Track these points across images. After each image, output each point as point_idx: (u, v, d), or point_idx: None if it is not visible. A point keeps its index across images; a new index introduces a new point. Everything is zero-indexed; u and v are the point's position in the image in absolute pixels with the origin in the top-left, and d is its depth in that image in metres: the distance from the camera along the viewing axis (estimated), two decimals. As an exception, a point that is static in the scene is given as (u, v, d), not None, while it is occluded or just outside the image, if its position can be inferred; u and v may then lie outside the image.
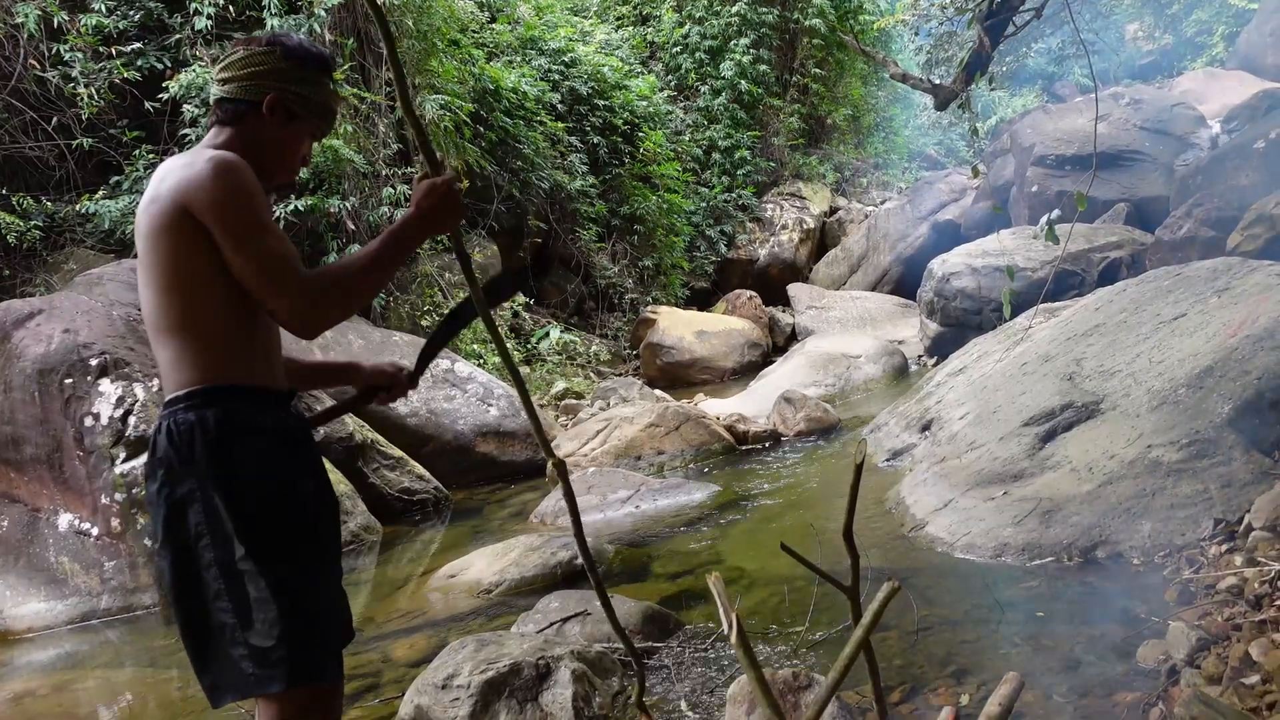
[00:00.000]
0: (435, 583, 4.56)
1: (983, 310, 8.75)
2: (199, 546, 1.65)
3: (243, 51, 1.84)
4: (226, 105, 1.82)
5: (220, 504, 1.63)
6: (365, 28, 8.91)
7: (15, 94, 7.37)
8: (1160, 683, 2.41)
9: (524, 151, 10.66)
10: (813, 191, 16.62)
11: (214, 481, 1.64)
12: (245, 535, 1.63)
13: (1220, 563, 2.98)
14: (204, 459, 1.64)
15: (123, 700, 3.69)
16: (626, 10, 16.62)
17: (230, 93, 1.82)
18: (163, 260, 1.69)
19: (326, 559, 1.79)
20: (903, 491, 4.59)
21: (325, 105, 1.90)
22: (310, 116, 1.87)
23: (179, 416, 1.67)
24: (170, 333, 1.70)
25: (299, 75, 1.84)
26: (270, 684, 1.63)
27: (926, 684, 2.71)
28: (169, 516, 1.67)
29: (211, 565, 1.64)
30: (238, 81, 1.82)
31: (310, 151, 1.94)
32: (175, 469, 1.66)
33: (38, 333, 5.04)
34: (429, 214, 1.74)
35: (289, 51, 1.83)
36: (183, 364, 1.70)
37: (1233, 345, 3.86)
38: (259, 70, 1.81)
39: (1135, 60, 22.25)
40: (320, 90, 1.88)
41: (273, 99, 1.81)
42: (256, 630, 1.62)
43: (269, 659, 1.62)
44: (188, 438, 1.65)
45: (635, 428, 6.74)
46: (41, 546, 4.85)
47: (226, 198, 1.63)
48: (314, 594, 1.70)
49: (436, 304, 9.30)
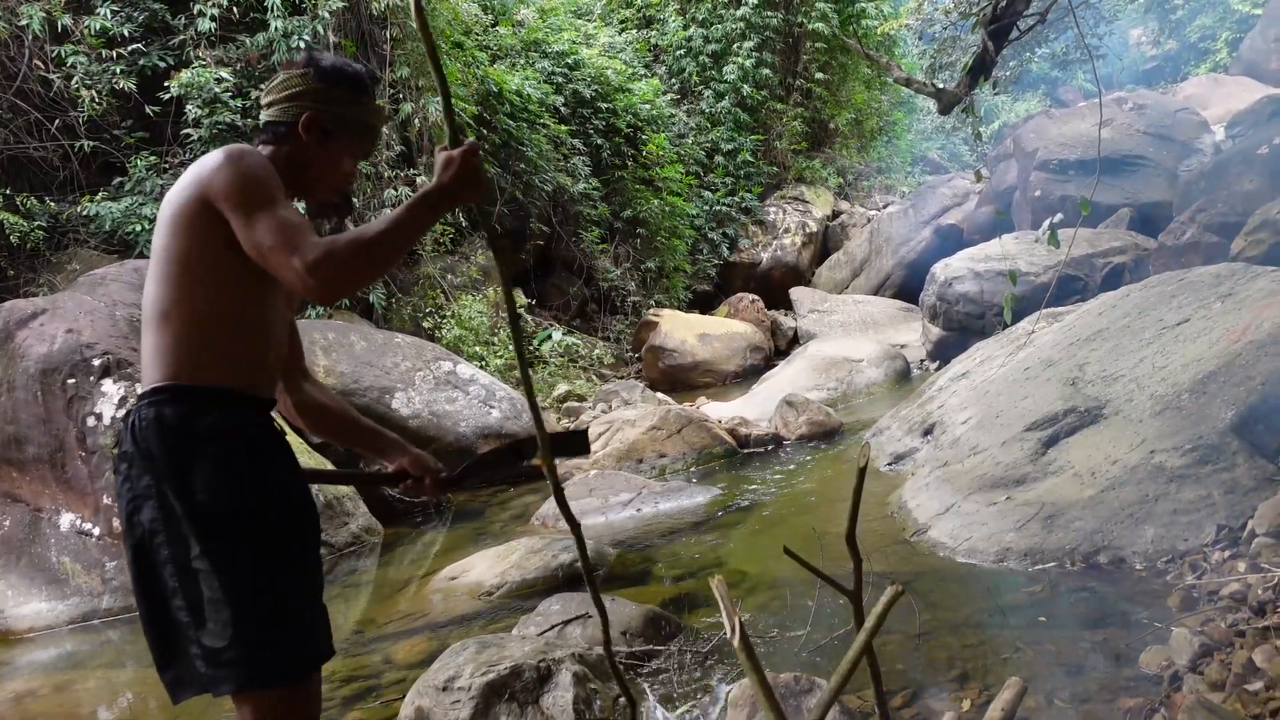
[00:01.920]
0: (436, 585, 4.55)
1: (985, 315, 8.74)
2: (154, 543, 1.65)
3: (282, 75, 1.91)
4: (269, 128, 1.88)
5: (175, 502, 1.63)
6: (369, 30, 8.93)
7: (20, 94, 7.39)
8: (1163, 689, 2.41)
9: (527, 154, 10.67)
10: (815, 195, 16.62)
11: (170, 480, 1.63)
12: (200, 535, 1.62)
13: (1223, 569, 2.97)
14: (161, 457, 1.64)
15: (123, 700, 3.69)
16: (630, 13, 16.64)
17: (272, 116, 1.88)
18: (170, 249, 1.71)
19: (294, 568, 1.73)
20: (905, 496, 4.58)
21: (363, 123, 1.93)
22: (347, 134, 1.90)
23: (143, 411, 1.68)
24: (155, 323, 1.71)
25: (333, 95, 1.88)
26: (221, 685, 1.63)
27: (929, 688, 2.70)
28: (130, 511, 1.68)
29: (167, 562, 1.64)
30: (278, 105, 1.88)
31: (354, 170, 1.96)
32: (136, 464, 1.67)
33: (41, 333, 5.05)
34: (449, 185, 1.70)
35: (322, 73, 1.88)
36: (159, 357, 1.70)
37: (1236, 351, 3.85)
38: (295, 92, 1.87)
39: (1139, 65, 22.27)
40: (356, 109, 1.91)
41: (308, 118, 1.86)
42: (209, 630, 1.62)
43: (219, 659, 1.61)
44: (147, 434, 1.66)
45: (637, 430, 6.74)
46: (43, 546, 4.85)
47: (237, 175, 1.67)
48: (272, 599, 1.66)
49: (439, 305, 9.31)
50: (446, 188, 1.69)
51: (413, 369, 7.01)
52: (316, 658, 1.75)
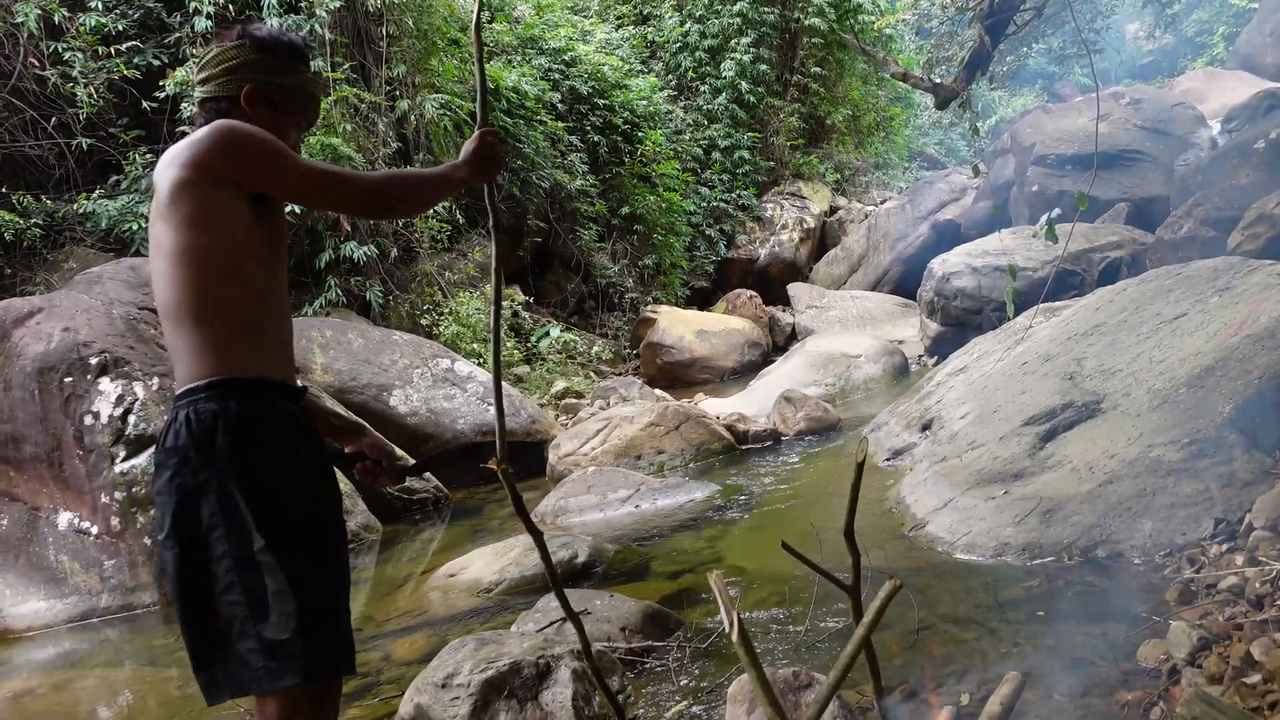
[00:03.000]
0: (435, 582, 4.55)
1: (983, 310, 8.75)
2: (211, 538, 1.63)
3: (216, 49, 1.87)
4: (209, 105, 1.85)
5: (239, 495, 1.62)
6: (365, 27, 8.90)
7: (15, 92, 7.37)
8: (1161, 682, 2.41)
9: (524, 151, 10.66)
10: (813, 191, 16.61)
11: (234, 472, 1.63)
12: (264, 527, 1.61)
13: (1221, 562, 2.97)
14: (225, 449, 1.63)
15: (122, 699, 3.68)
16: (627, 10, 16.61)
17: (210, 91, 1.85)
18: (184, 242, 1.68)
19: (339, 558, 1.77)
20: (903, 491, 4.58)
21: (304, 92, 1.91)
22: (291, 105, 1.89)
23: (200, 406, 1.65)
24: (189, 320, 1.69)
25: (273, 64, 1.86)
26: (283, 677, 1.61)
27: (927, 683, 2.70)
28: (179, 507, 1.65)
29: (224, 557, 1.62)
30: (215, 80, 1.84)
31: (298, 141, 1.95)
32: (191, 459, 1.64)
33: (38, 331, 5.04)
34: (471, 159, 1.92)
35: (259, 43, 1.86)
36: (203, 354, 1.69)
37: (1234, 345, 3.85)
38: (233, 64, 1.84)
39: (1136, 60, 22.27)
40: (297, 77, 1.90)
41: (250, 90, 1.83)
42: (272, 623, 1.60)
43: (283, 651, 1.60)
44: (209, 427, 1.64)
45: (635, 427, 6.74)
46: (41, 545, 4.85)
47: (249, 142, 1.70)
48: (329, 590, 1.69)
49: (436, 303, 9.30)
50: (469, 162, 1.93)
51: (410, 366, 7.00)
52: (352, 654, 1.76)
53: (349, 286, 8.56)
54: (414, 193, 1.87)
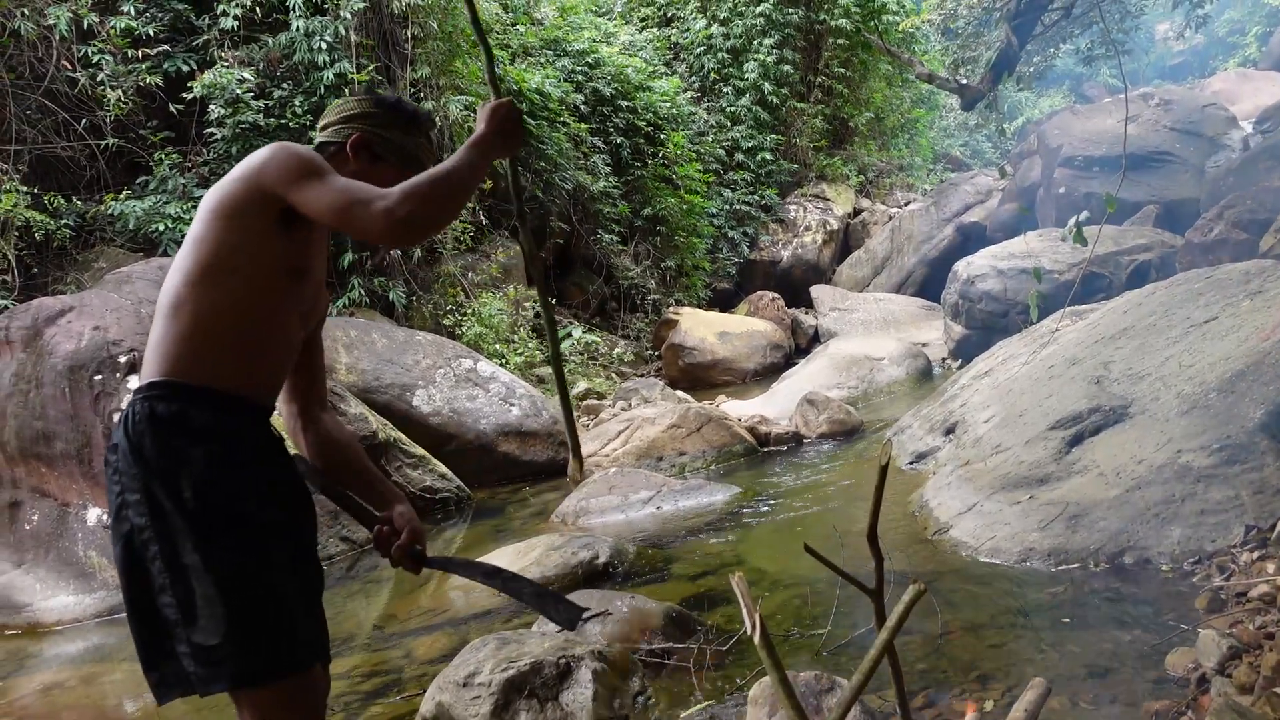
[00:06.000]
0: (457, 581, 4.57)
1: (1008, 313, 8.67)
2: (142, 539, 1.62)
3: (340, 101, 1.98)
4: (321, 149, 1.92)
5: (164, 500, 1.61)
6: (390, 29, 8.97)
7: (48, 94, 7.48)
8: (1190, 691, 2.37)
9: (547, 152, 10.69)
10: (836, 193, 16.54)
11: (159, 477, 1.61)
12: (190, 533, 1.60)
13: (1252, 570, 2.93)
14: (152, 453, 1.62)
15: (149, 693, 3.72)
16: (651, 11, 16.62)
17: (324, 137, 1.93)
18: (204, 238, 1.71)
19: (285, 569, 1.71)
20: (926, 494, 4.55)
21: (411, 154, 1.94)
22: (394, 161, 1.91)
23: (137, 406, 1.66)
24: (165, 315, 1.71)
25: (386, 120, 1.92)
26: (212, 684, 1.60)
27: (950, 688, 2.68)
28: (118, 506, 1.65)
29: (156, 559, 1.61)
30: (331, 127, 1.93)
31: None
32: (125, 457, 1.64)
33: (68, 330, 5.11)
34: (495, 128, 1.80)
35: (380, 100, 1.95)
36: (161, 351, 1.69)
37: (1266, 349, 3.79)
38: (350, 114, 1.92)
39: (1166, 60, 21.99)
40: (407, 139, 1.94)
41: (357, 139, 1.89)
42: (200, 628, 1.59)
43: (212, 657, 1.59)
44: (140, 429, 1.64)
45: (657, 428, 6.74)
46: (70, 540, 4.92)
47: (291, 154, 1.73)
48: (263, 596, 1.65)
49: (459, 303, 9.34)
50: (489, 133, 1.80)
51: (433, 366, 7.04)
52: (308, 654, 1.72)
53: (372, 287, 8.62)
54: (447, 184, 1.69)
